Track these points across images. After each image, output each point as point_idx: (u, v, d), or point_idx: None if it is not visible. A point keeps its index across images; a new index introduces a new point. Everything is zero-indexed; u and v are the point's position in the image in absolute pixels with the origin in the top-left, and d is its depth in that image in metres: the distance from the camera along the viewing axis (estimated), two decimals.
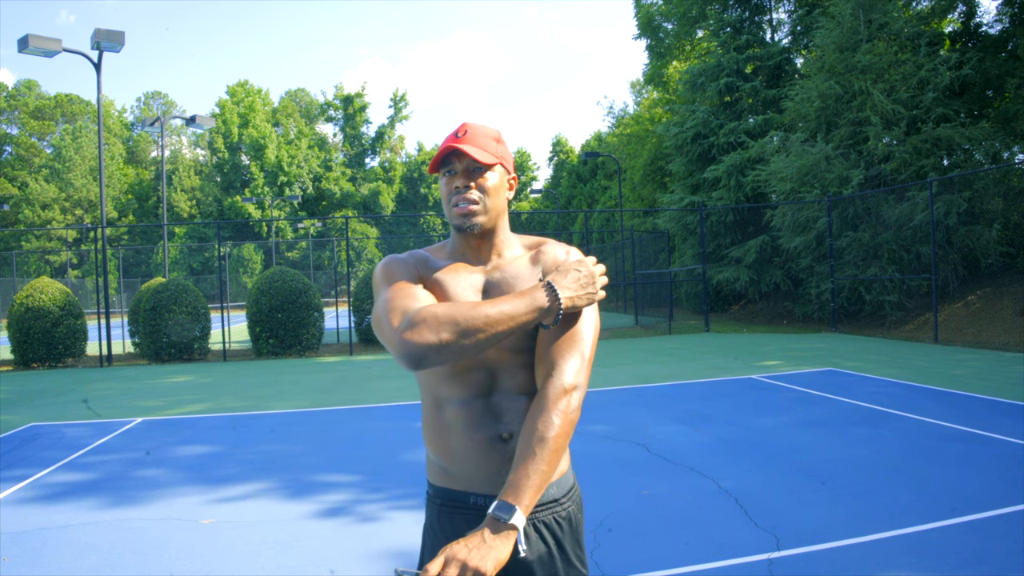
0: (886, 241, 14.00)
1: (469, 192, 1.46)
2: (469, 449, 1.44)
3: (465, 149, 1.44)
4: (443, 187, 1.51)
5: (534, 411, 1.36)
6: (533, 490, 1.27)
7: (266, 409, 7.89)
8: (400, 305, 1.36)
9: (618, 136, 36.18)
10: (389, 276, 1.48)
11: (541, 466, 1.29)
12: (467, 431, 1.44)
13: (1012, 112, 14.63)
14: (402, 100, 54.48)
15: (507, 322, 1.31)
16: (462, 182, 1.46)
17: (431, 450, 1.52)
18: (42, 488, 4.93)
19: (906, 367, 9.19)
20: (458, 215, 1.47)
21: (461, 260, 1.53)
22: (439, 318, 1.29)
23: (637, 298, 20.19)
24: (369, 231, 50.20)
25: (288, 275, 13.58)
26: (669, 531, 3.73)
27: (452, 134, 1.51)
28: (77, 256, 44.58)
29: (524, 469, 1.29)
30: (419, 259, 1.53)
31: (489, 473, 1.44)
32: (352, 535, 3.82)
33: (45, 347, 12.83)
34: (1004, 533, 3.47)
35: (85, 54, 13.88)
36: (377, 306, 1.41)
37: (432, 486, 1.54)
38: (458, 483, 1.48)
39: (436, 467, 1.52)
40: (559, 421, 1.33)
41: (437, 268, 1.51)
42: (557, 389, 1.36)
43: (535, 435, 1.32)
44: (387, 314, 1.35)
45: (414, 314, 1.31)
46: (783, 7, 21.53)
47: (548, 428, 1.32)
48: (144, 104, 57.59)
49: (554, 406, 1.34)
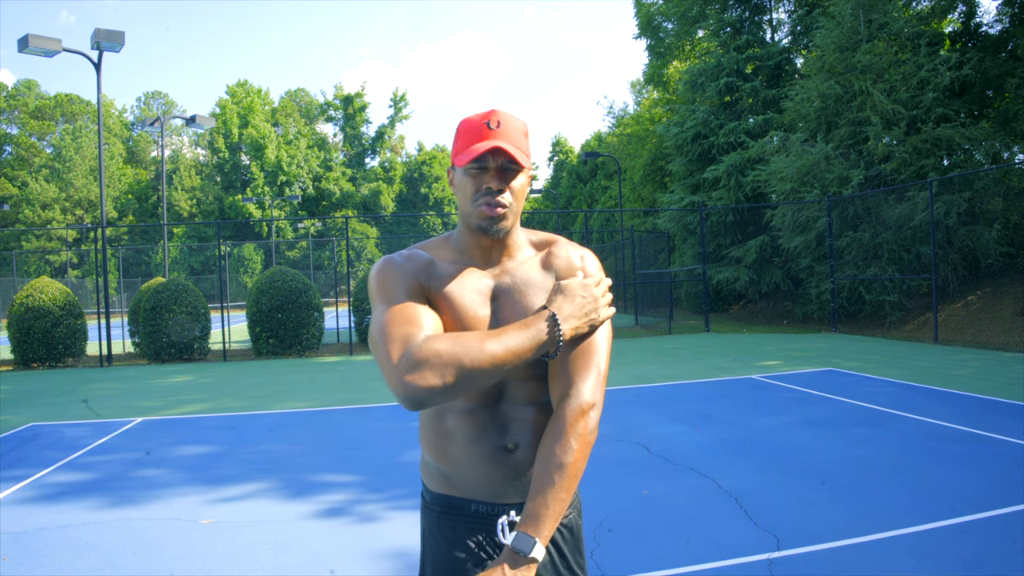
0: (886, 241, 14.00)
1: (501, 195, 1.34)
2: (471, 459, 1.38)
3: (508, 150, 1.31)
4: (467, 181, 1.36)
5: (551, 434, 1.30)
6: (553, 519, 1.22)
7: (266, 409, 7.89)
8: (399, 334, 1.25)
9: (618, 136, 36.18)
10: (385, 288, 1.36)
11: (560, 494, 1.24)
12: (470, 441, 1.38)
13: (1012, 112, 14.63)
14: (402, 100, 54.48)
15: (513, 360, 1.24)
16: (496, 184, 1.33)
17: (429, 455, 1.46)
18: (42, 488, 4.92)
19: (906, 367, 9.19)
20: (486, 217, 1.34)
21: (469, 262, 1.42)
22: (442, 358, 1.19)
23: (637, 298, 20.19)
24: (369, 231, 50.20)
25: (288, 275, 13.58)
26: (669, 531, 3.73)
27: (483, 123, 1.35)
28: (77, 256, 44.58)
29: (543, 498, 1.23)
30: (420, 265, 1.40)
31: (492, 483, 1.38)
32: (352, 535, 3.82)
33: (45, 347, 12.83)
34: (1004, 533, 3.47)
35: (85, 54, 13.88)
36: (374, 327, 1.31)
37: (430, 492, 1.48)
38: (458, 490, 1.42)
39: (435, 472, 1.46)
40: (577, 445, 1.27)
41: (442, 275, 1.39)
42: (574, 410, 1.30)
43: (553, 461, 1.26)
44: (385, 342, 1.25)
45: (415, 350, 1.21)
46: (783, 7, 21.54)
47: (566, 453, 1.26)
48: (144, 104, 57.58)
49: (572, 429, 1.28)
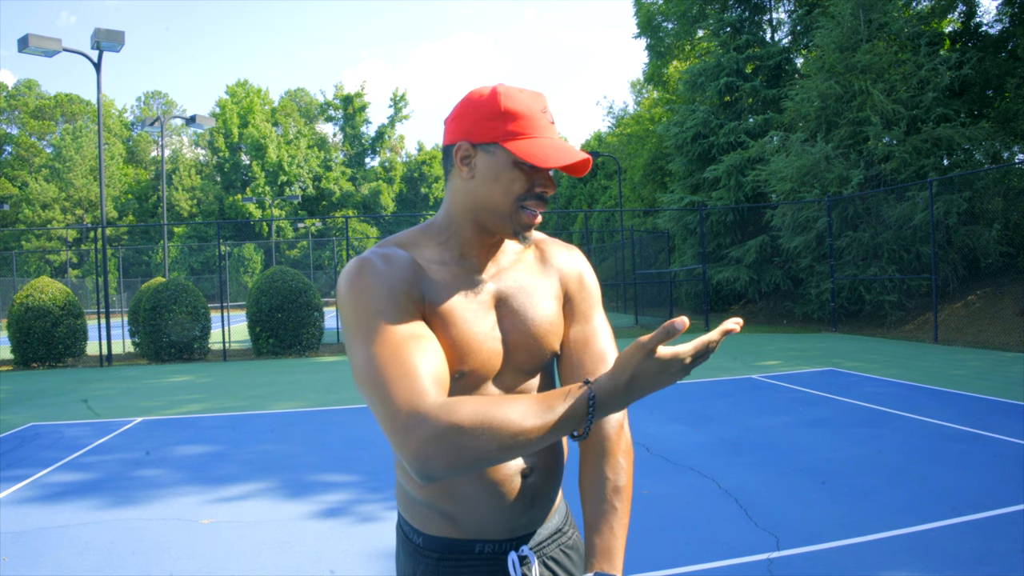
0: (886, 241, 14.00)
1: (546, 202, 1.16)
2: (483, 490, 1.17)
3: (586, 164, 1.13)
4: (513, 175, 1.12)
5: (595, 455, 1.17)
6: (623, 549, 1.11)
7: (266, 409, 7.89)
8: (403, 390, 0.98)
9: (618, 136, 36.17)
10: (365, 310, 1.06)
11: (624, 519, 1.13)
12: (481, 471, 1.17)
13: (1012, 112, 14.63)
14: (402, 100, 54.48)
15: (546, 437, 0.98)
16: (552, 190, 1.15)
17: (422, 493, 1.20)
18: (42, 488, 4.92)
19: (906, 367, 9.19)
20: (527, 223, 1.15)
21: (463, 263, 1.19)
22: (465, 436, 0.94)
23: (637, 298, 20.18)
24: (369, 231, 50.19)
25: (288, 275, 13.58)
26: (669, 531, 3.73)
27: (539, 109, 1.14)
28: (77, 256, 44.56)
29: (609, 529, 1.11)
30: (405, 270, 1.13)
31: (502, 517, 1.20)
32: (352, 535, 3.82)
33: (45, 347, 12.82)
34: (1004, 533, 3.47)
35: (85, 54, 13.88)
36: (360, 367, 1.03)
37: (421, 535, 1.23)
38: (462, 531, 1.20)
39: (429, 512, 1.22)
40: (627, 463, 1.16)
41: (434, 283, 1.15)
42: (615, 426, 1.17)
43: (608, 485, 1.14)
44: (384, 391, 0.99)
45: (433, 420, 0.95)
46: (783, 7, 21.53)
47: (619, 474, 1.15)
48: (144, 104, 57.57)
49: (617, 447, 1.16)
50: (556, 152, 1.10)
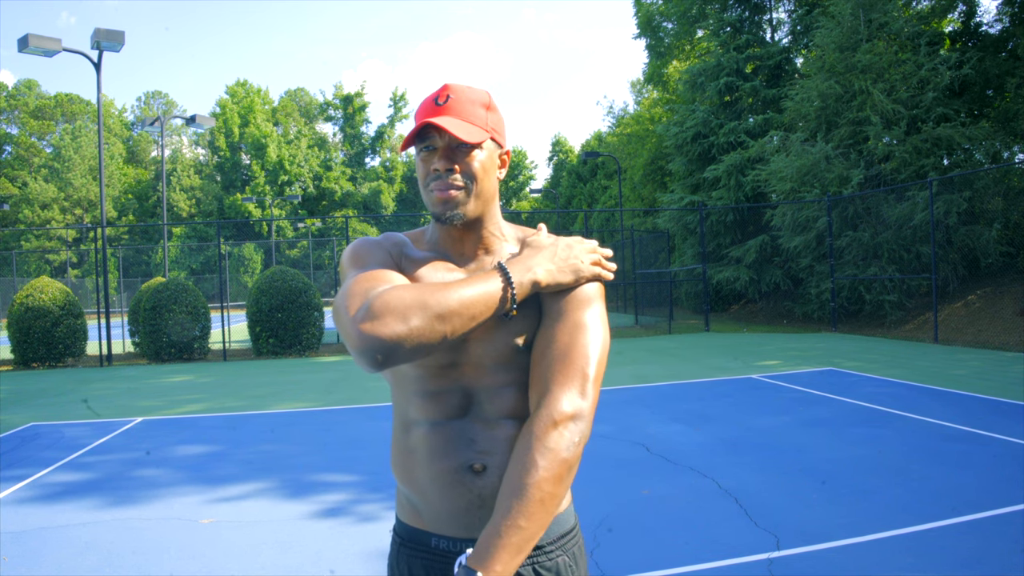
0: (886, 241, 14.00)
1: (452, 176, 1.18)
2: (432, 480, 1.20)
3: (445, 126, 1.15)
4: (420, 167, 1.22)
5: (516, 450, 1.11)
6: (506, 552, 1.02)
7: (266, 409, 7.89)
8: (362, 290, 1.11)
9: (618, 136, 36.17)
10: (356, 260, 1.23)
11: (518, 521, 1.03)
12: (432, 459, 1.19)
13: (1012, 112, 14.63)
14: (402, 100, 54.53)
15: (481, 306, 1.09)
16: (443, 164, 1.17)
17: (396, 477, 1.29)
18: (42, 488, 4.92)
19: (906, 367, 9.19)
20: (438, 202, 1.19)
21: (440, 256, 1.27)
22: (405, 301, 1.05)
23: (637, 298, 20.19)
24: (369, 231, 50.18)
25: (288, 274, 13.57)
26: (669, 531, 3.73)
27: (431, 99, 1.21)
28: (77, 256, 44.58)
29: (494, 526, 1.04)
30: (395, 243, 1.28)
31: (454, 511, 1.19)
32: (352, 535, 3.82)
33: (45, 347, 12.82)
34: (1004, 533, 3.47)
35: (85, 54, 13.87)
36: (338, 296, 1.14)
37: (399, 521, 1.31)
38: (422, 521, 1.24)
39: (403, 499, 1.29)
40: (544, 463, 1.06)
41: (414, 258, 1.26)
42: (545, 421, 1.09)
43: (511, 483, 1.07)
44: (346, 300, 1.10)
45: (375, 298, 1.06)
46: (783, 7, 21.54)
47: (528, 472, 1.06)
48: (144, 104, 57.57)
49: (539, 443, 1.08)
50: (412, 132, 1.20)
